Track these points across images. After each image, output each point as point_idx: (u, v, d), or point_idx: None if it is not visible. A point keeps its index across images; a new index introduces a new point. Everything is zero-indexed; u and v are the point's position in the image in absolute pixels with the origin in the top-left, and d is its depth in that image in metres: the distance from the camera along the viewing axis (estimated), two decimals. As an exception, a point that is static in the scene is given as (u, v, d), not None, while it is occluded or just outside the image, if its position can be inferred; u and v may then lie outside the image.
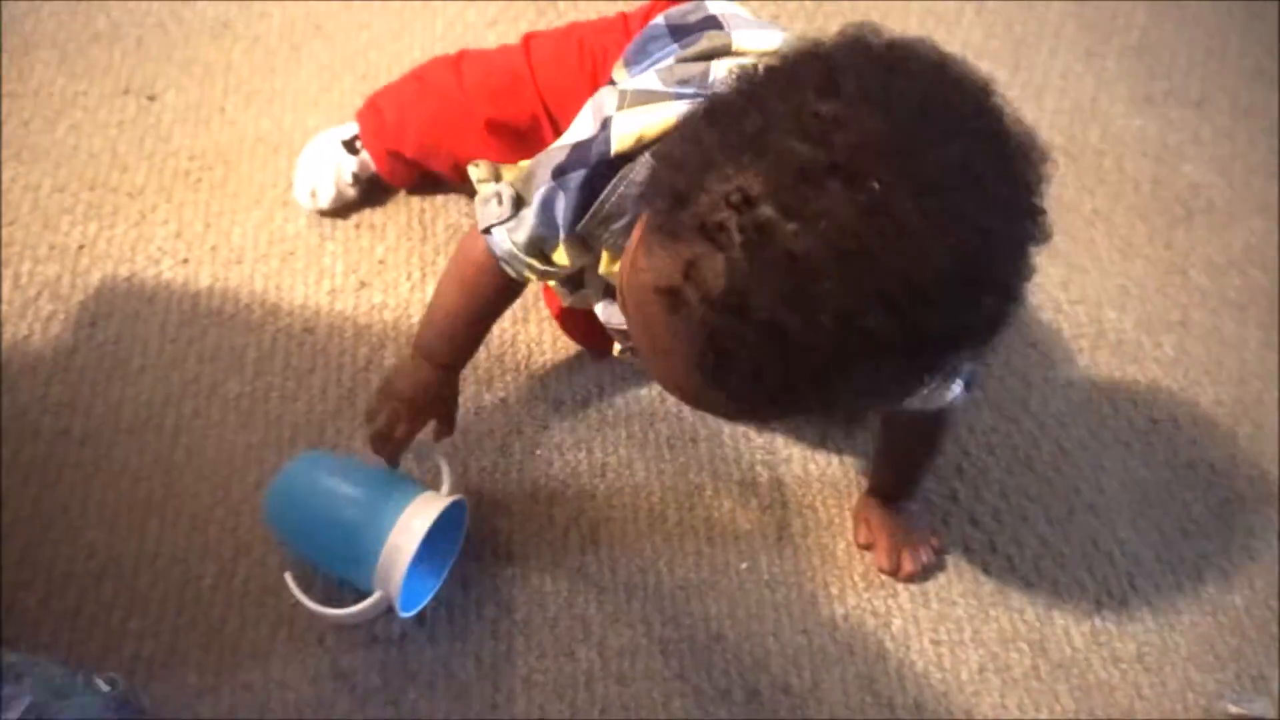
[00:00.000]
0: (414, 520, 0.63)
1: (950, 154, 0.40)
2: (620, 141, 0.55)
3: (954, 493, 0.80)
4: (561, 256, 0.60)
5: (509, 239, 0.61)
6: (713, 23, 0.64)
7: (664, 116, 0.55)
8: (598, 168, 0.55)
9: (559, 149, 0.58)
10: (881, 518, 0.75)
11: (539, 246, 0.60)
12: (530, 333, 0.83)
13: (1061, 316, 0.90)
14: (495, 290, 0.66)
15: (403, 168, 0.85)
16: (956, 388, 0.62)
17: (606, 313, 0.68)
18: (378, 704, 0.67)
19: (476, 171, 0.64)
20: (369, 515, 0.64)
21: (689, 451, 0.79)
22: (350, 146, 0.86)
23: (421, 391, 0.69)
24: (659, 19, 0.67)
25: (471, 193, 0.70)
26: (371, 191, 0.89)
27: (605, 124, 0.56)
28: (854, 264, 0.39)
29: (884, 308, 0.39)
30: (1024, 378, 0.86)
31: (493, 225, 0.61)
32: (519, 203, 0.60)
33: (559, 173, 0.57)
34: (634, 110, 0.56)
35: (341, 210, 0.88)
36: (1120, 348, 0.89)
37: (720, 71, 0.58)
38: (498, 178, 0.62)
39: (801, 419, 0.49)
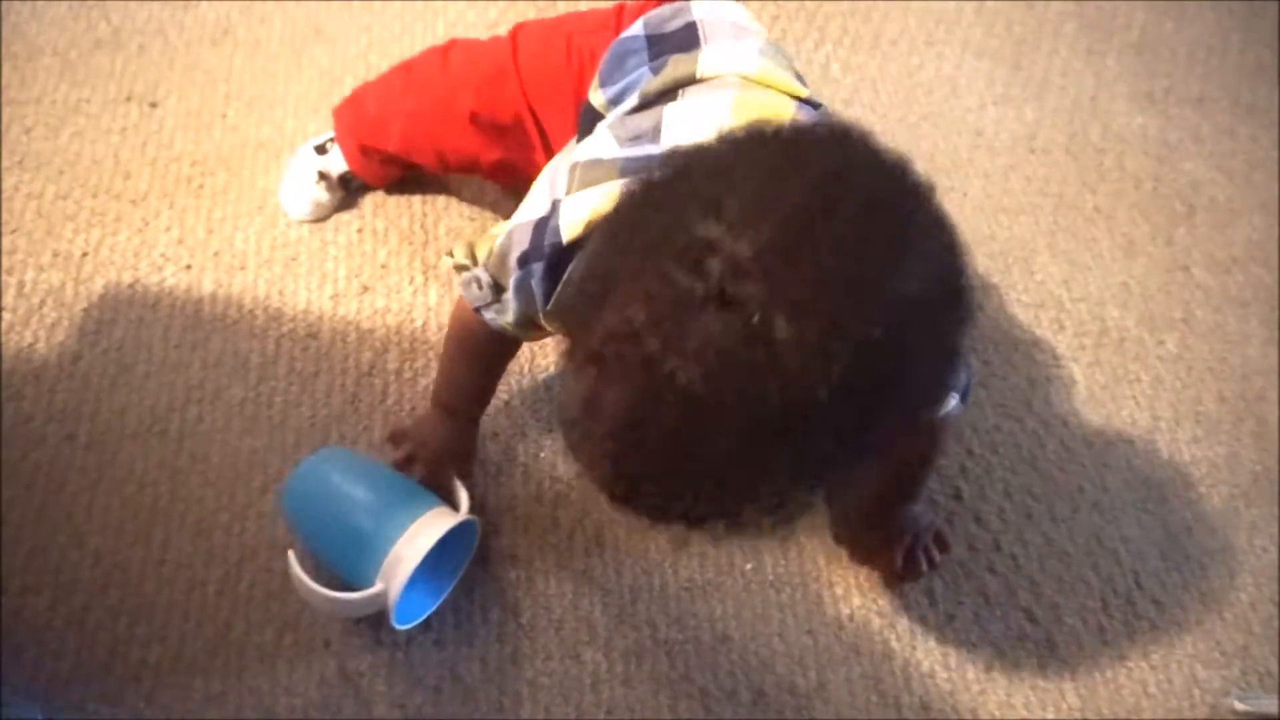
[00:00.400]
0: (420, 535, 0.63)
1: (833, 268, 0.39)
2: (570, 230, 0.55)
3: (958, 491, 0.80)
4: (548, 325, 0.61)
5: (499, 319, 0.63)
6: (690, 33, 0.64)
7: (608, 195, 0.55)
8: (554, 255, 0.56)
9: (521, 229, 0.59)
10: (897, 526, 0.74)
11: (529, 319, 0.61)
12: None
13: (1064, 315, 0.90)
14: (495, 348, 0.68)
15: (378, 165, 0.85)
16: (953, 401, 0.62)
17: None
18: (384, 707, 0.67)
19: (451, 259, 0.65)
20: (378, 524, 0.64)
21: (693, 453, 0.79)
22: (320, 149, 0.87)
23: (442, 444, 0.72)
24: (638, 25, 0.67)
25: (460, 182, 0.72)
26: (364, 194, 0.89)
27: (555, 207, 0.57)
28: (737, 395, 0.39)
29: (773, 436, 0.39)
30: (1027, 376, 0.86)
31: (479, 307, 0.63)
32: (498, 288, 0.61)
33: (523, 261, 0.58)
34: (581, 194, 0.56)
35: (341, 215, 0.88)
36: (1123, 345, 0.89)
37: (672, 118, 0.58)
38: (474, 260, 0.64)
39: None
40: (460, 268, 0.64)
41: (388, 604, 0.64)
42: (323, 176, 0.86)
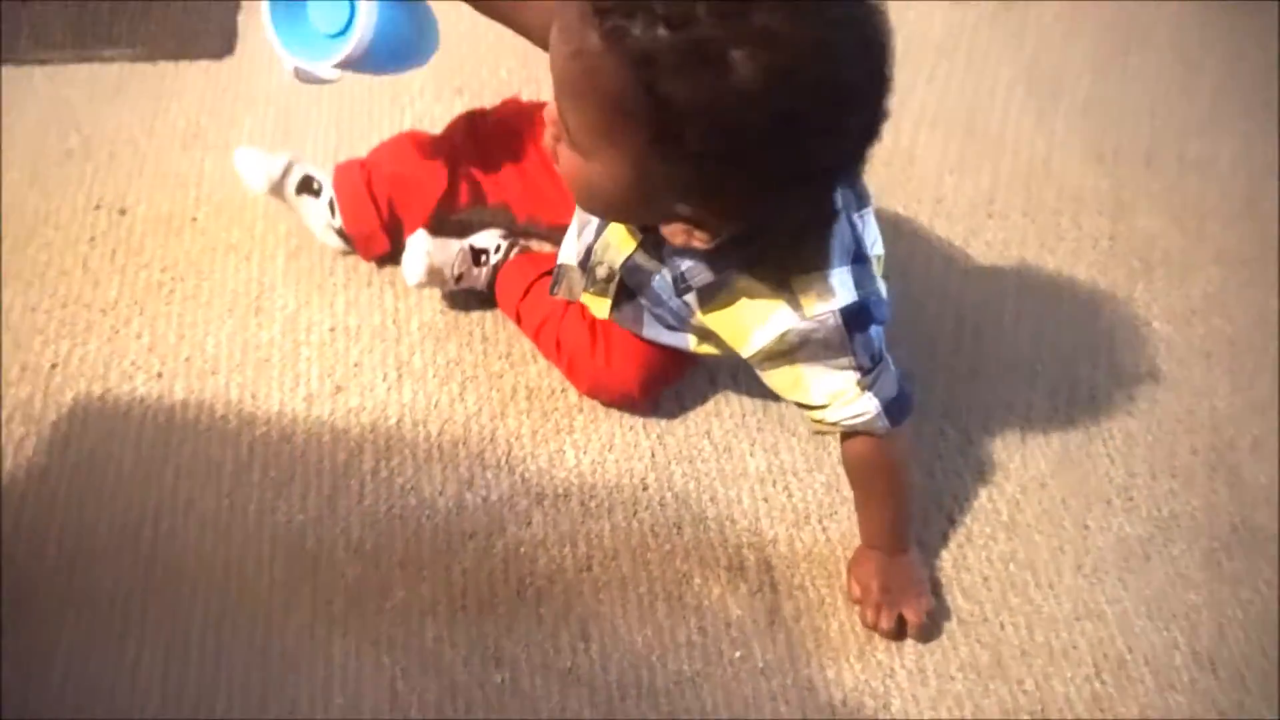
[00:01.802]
0: None
1: None
2: None
3: (941, 563, 0.79)
4: None
5: None
6: None
7: None
8: None
9: None
10: (871, 571, 0.75)
11: None
12: (509, 427, 0.83)
13: (1036, 375, 0.91)
14: None
15: (382, 230, 0.86)
16: (869, 403, 0.65)
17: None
18: (369, 827, 0.65)
19: None
20: None
21: (674, 539, 0.78)
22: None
23: None
24: None
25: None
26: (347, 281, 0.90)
27: None
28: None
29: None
30: (1002, 439, 0.87)
31: None
32: None
33: None
34: None
35: (314, 314, 0.88)
36: (1094, 403, 0.90)
37: None
38: None
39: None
40: None
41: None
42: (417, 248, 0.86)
